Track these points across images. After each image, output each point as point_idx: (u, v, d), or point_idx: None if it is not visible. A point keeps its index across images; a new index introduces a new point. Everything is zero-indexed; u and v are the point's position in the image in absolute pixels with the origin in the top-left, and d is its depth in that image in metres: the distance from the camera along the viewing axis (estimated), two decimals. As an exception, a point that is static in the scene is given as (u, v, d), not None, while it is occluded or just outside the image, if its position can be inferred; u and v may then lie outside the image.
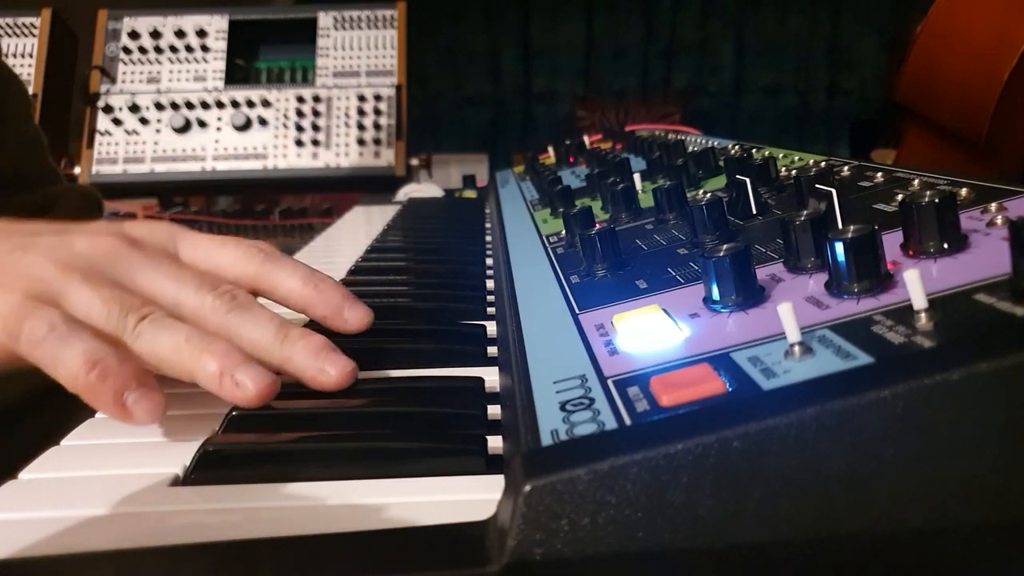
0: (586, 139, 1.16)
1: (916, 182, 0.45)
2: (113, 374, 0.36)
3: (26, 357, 0.38)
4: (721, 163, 0.69)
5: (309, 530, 0.29)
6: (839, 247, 0.32)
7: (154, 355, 0.39)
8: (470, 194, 1.30)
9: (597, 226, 0.50)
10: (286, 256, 0.48)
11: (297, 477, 0.33)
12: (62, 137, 1.63)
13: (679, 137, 0.95)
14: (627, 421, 0.28)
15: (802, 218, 0.37)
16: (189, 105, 1.56)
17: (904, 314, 0.29)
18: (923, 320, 0.28)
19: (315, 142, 1.54)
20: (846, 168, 0.54)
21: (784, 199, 0.52)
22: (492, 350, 0.48)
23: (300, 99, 1.56)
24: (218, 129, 1.55)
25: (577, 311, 0.42)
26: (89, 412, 0.41)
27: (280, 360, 0.41)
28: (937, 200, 0.33)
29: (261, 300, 0.45)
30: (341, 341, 0.43)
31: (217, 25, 1.61)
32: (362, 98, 1.56)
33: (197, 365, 0.38)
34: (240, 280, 0.45)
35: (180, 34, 1.59)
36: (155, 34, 1.60)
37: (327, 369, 0.41)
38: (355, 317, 0.47)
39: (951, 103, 1.24)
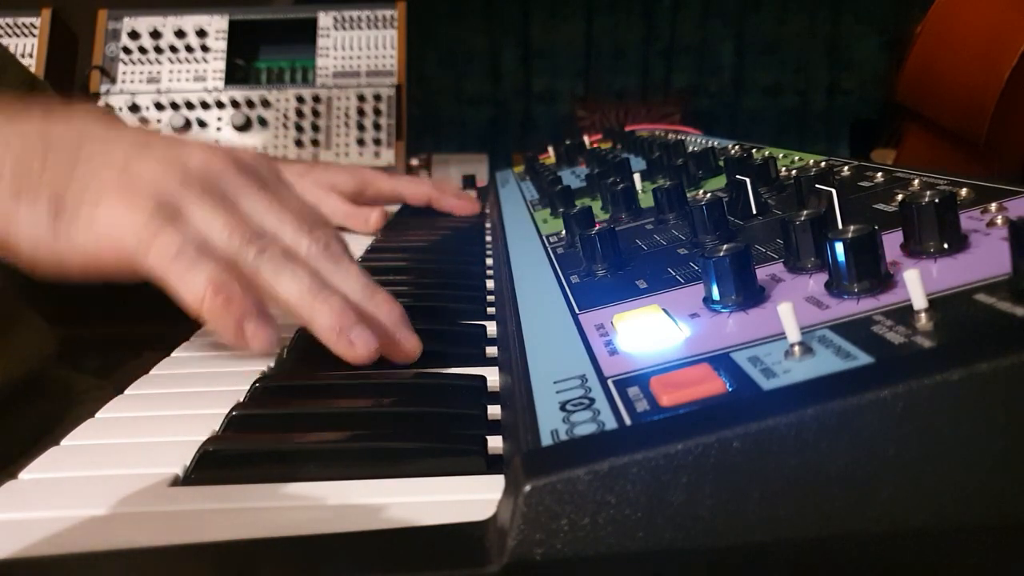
0: (586, 139, 1.16)
1: (916, 182, 0.45)
2: (237, 301, 0.38)
3: (152, 271, 0.39)
4: (721, 163, 0.69)
5: (309, 530, 0.29)
6: (839, 247, 0.32)
7: (274, 292, 0.41)
8: (470, 194, 1.29)
9: (597, 226, 0.50)
10: (351, 260, 0.46)
11: (297, 477, 0.33)
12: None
13: (679, 137, 0.95)
14: (627, 421, 0.28)
15: (802, 218, 0.37)
16: (189, 105, 1.56)
17: (904, 314, 0.29)
18: (923, 320, 0.28)
19: (315, 142, 1.54)
20: (846, 168, 0.54)
21: (784, 199, 0.52)
22: (492, 350, 0.48)
23: (300, 99, 1.56)
24: (218, 129, 1.55)
25: (577, 311, 0.42)
26: (87, 407, 0.41)
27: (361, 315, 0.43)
28: (937, 200, 0.33)
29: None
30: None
31: (217, 25, 1.61)
32: (362, 98, 1.56)
33: (316, 315, 0.41)
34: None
35: (180, 34, 1.59)
36: (155, 34, 1.60)
37: (400, 341, 0.43)
38: (409, 344, 0.44)
39: (951, 103, 1.24)
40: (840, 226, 0.37)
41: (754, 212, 0.49)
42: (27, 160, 0.41)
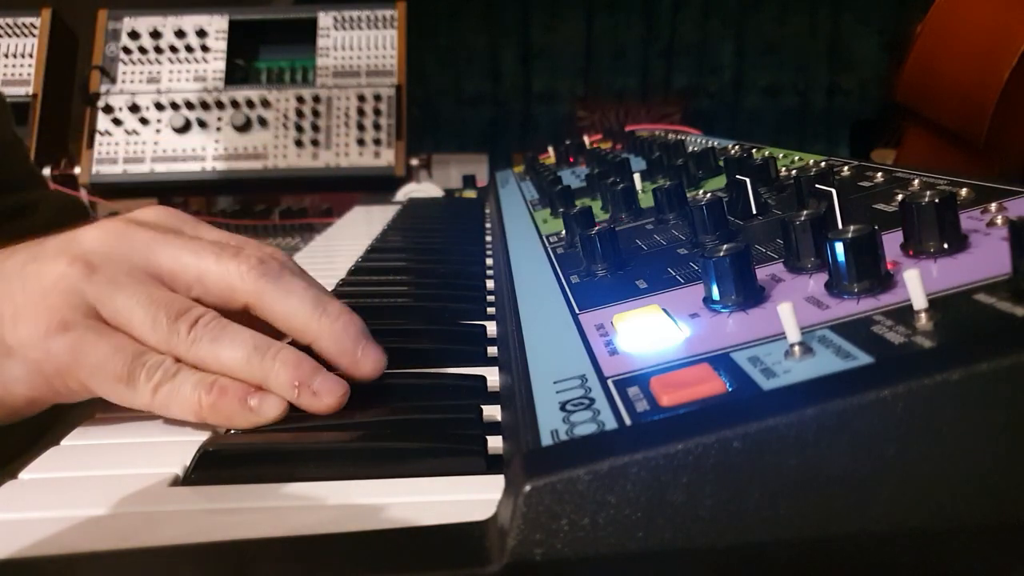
0: (586, 139, 1.16)
1: (916, 182, 0.45)
2: (228, 387, 0.37)
3: (131, 405, 0.38)
4: (721, 163, 0.69)
5: (309, 530, 0.29)
6: (839, 247, 0.32)
7: (218, 363, 0.38)
8: (470, 194, 1.30)
9: (597, 226, 0.50)
10: (291, 272, 0.42)
11: (297, 477, 0.33)
12: (62, 137, 1.63)
13: (679, 137, 0.95)
14: (627, 421, 0.28)
15: (802, 218, 0.37)
16: (189, 105, 1.56)
17: (904, 314, 0.29)
18: (923, 320, 0.28)
19: (315, 142, 1.54)
20: (846, 168, 0.54)
21: (784, 199, 0.52)
22: (492, 350, 0.48)
23: (300, 99, 1.56)
24: (218, 129, 1.55)
25: (577, 311, 0.42)
26: (87, 407, 0.41)
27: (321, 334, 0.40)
28: (937, 200, 0.33)
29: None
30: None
31: (217, 25, 1.61)
32: (362, 98, 1.56)
33: (269, 377, 0.38)
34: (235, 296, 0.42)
35: (180, 34, 1.59)
36: (155, 34, 1.60)
37: (360, 360, 0.40)
38: (369, 362, 0.40)
39: (951, 103, 1.24)
40: (840, 226, 0.37)
41: (754, 212, 0.49)
42: None
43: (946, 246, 0.33)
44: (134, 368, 0.37)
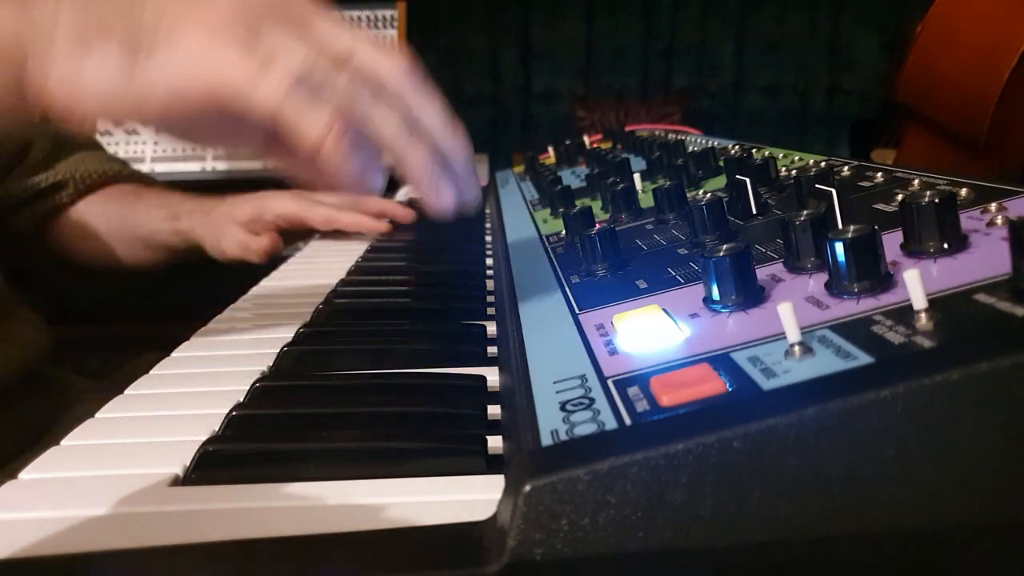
0: (586, 139, 1.16)
1: (916, 182, 0.45)
2: (362, 145, 0.39)
3: (258, 109, 0.37)
4: (721, 163, 0.69)
5: (309, 530, 0.29)
6: (839, 247, 0.32)
7: (367, 126, 0.40)
8: (470, 194, 1.29)
9: (597, 226, 0.50)
10: (428, 87, 0.44)
11: (297, 477, 0.33)
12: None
13: (679, 137, 0.95)
14: (627, 421, 0.28)
15: (802, 218, 0.37)
16: (189, 105, 1.55)
17: (904, 314, 0.29)
18: (923, 320, 0.28)
19: (315, 142, 1.54)
20: (846, 168, 0.54)
21: (784, 199, 0.52)
22: (492, 350, 0.48)
23: (300, 99, 1.56)
24: (218, 129, 1.55)
25: (577, 311, 0.42)
26: (87, 407, 0.41)
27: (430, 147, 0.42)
28: (937, 200, 0.33)
29: None
30: (340, 328, 0.43)
31: (217, 25, 1.61)
32: (362, 98, 1.56)
33: (408, 157, 0.41)
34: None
35: (180, 34, 1.59)
36: (155, 34, 1.60)
37: (464, 190, 0.43)
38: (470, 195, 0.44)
39: (951, 103, 1.24)
40: (840, 226, 0.37)
41: (754, 212, 0.49)
42: (84, 2, 0.39)
43: (946, 246, 0.33)
44: (273, 55, 0.37)
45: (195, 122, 0.40)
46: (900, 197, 0.38)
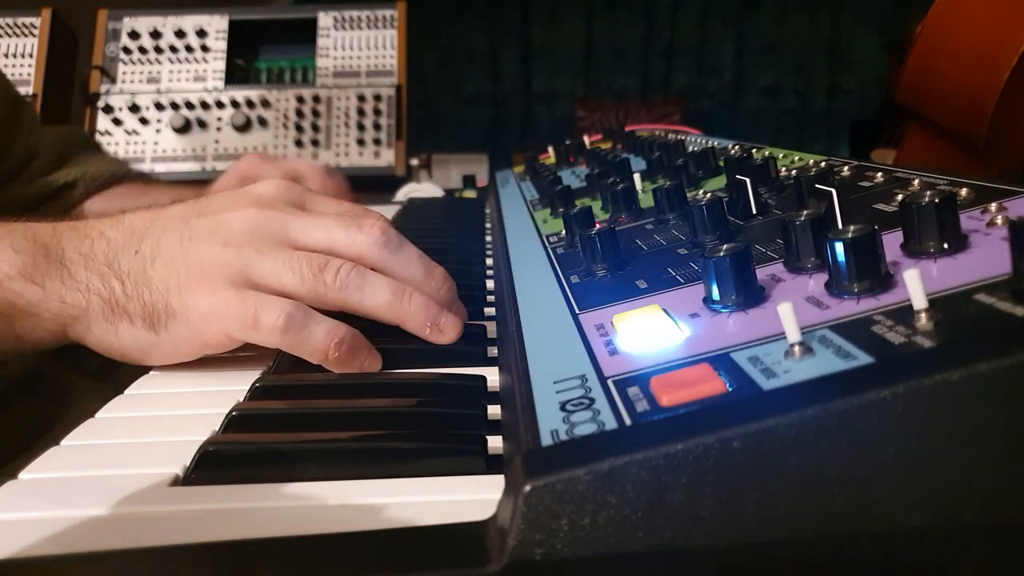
0: (586, 139, 1.16)
1: (916, 182, 0.45)
2: (358, 346, 0.44)
3: (266, 344, 0.43)
4: (721, 163, 0.69)
5: (309, 530, 0.29)
6: (839, 247, 0.32)
7: (363, 307, 0.46)
8: (470, 194, 1.29)
9: (597, 226, 0.50)
10: (401, 240, 0.49)
11: (297, 477, 0.33)
12: (62, 137, 1.63)
13: (679, 137, 0.95)
14: (627, 421, 0.28)
15: (802, 218, 0.37)
16: (189, 105, 1.56)
17: (904, 314, 0.29)
18: (923, 320, 0.28)
19: (315, 142, 1.54)
20: (846, 168, 0.54)
21: (784, 199, 0.52)
22: (492, 350, 0.48)
23: (300, 99, 1.56)
24: (218, 129, 1.55)
25: (577, 311, 0.42)
26: (87, 407, 0.41)
27: (430, 296, 0.48)
28: (937, 200, 0.33)
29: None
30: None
31: (217, 25, 1.61)
32: (362, 98, 1.56)
33: (407, 318, 0.46)
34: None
35: (180, 34, 1.59)
36: (155, 34, 1.60)
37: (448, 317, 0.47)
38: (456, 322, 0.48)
39: (951, 103, 1.24)
40: (840, 226, 0.37)
41: (754, 212, 0.49)
42: (104, 283, 0.45)
43: (946, 246, 0.33)
44: (261, 302, 0.43)
45: (224, 349, 0.46)
46: (900, 197, 0.38)
